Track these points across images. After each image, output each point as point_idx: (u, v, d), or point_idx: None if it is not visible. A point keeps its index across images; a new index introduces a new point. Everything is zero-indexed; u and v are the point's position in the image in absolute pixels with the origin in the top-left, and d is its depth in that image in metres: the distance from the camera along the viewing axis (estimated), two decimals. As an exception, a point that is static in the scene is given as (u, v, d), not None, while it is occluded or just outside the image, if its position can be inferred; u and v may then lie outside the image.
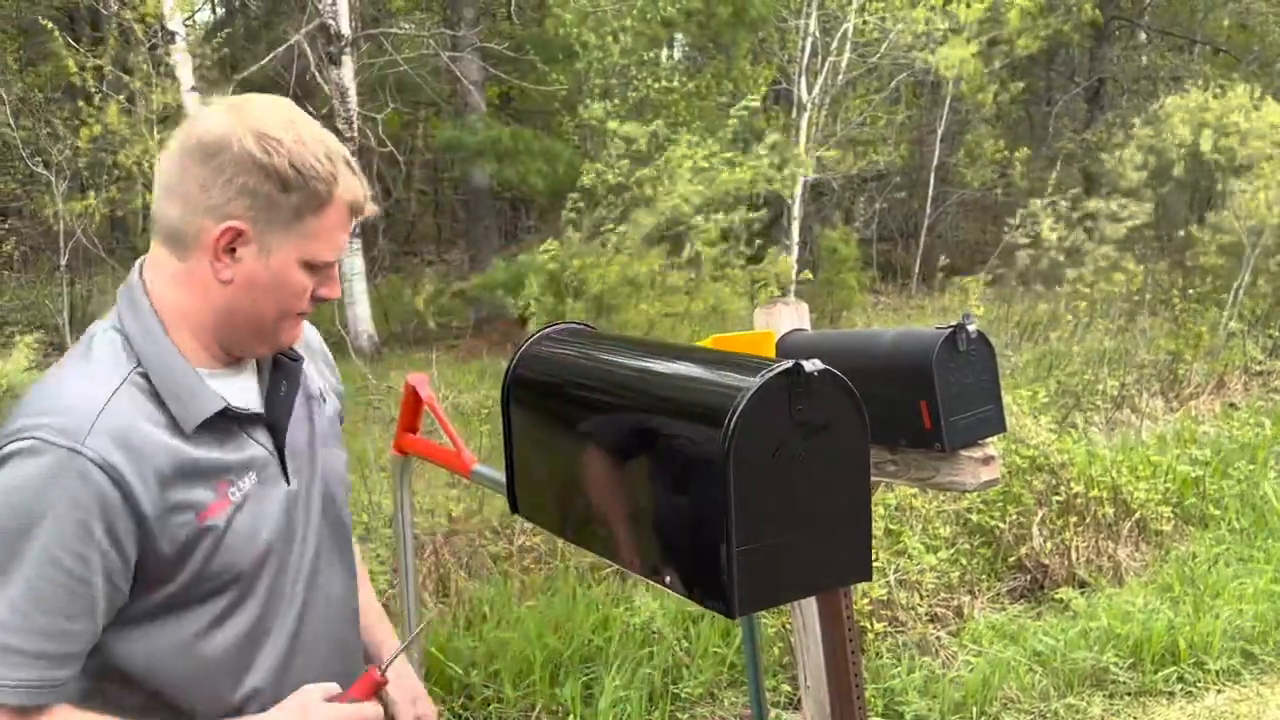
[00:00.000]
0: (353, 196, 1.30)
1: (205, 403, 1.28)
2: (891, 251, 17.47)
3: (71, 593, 1.17)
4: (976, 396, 1.89)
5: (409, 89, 14.21)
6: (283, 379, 1.40)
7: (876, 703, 3.80)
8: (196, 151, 1.24)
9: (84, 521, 1.16)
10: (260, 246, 1.26)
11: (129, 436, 1.20)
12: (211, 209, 1.24)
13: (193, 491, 1.25)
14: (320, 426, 1.48)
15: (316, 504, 1.45)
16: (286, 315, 1.32)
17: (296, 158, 1.23)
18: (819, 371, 1.18)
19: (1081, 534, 4.97)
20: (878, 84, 14.93)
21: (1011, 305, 10.11)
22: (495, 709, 3.75)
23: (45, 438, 1.16)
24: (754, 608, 1.20)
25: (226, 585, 1.31)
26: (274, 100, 1.30)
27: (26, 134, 9.62)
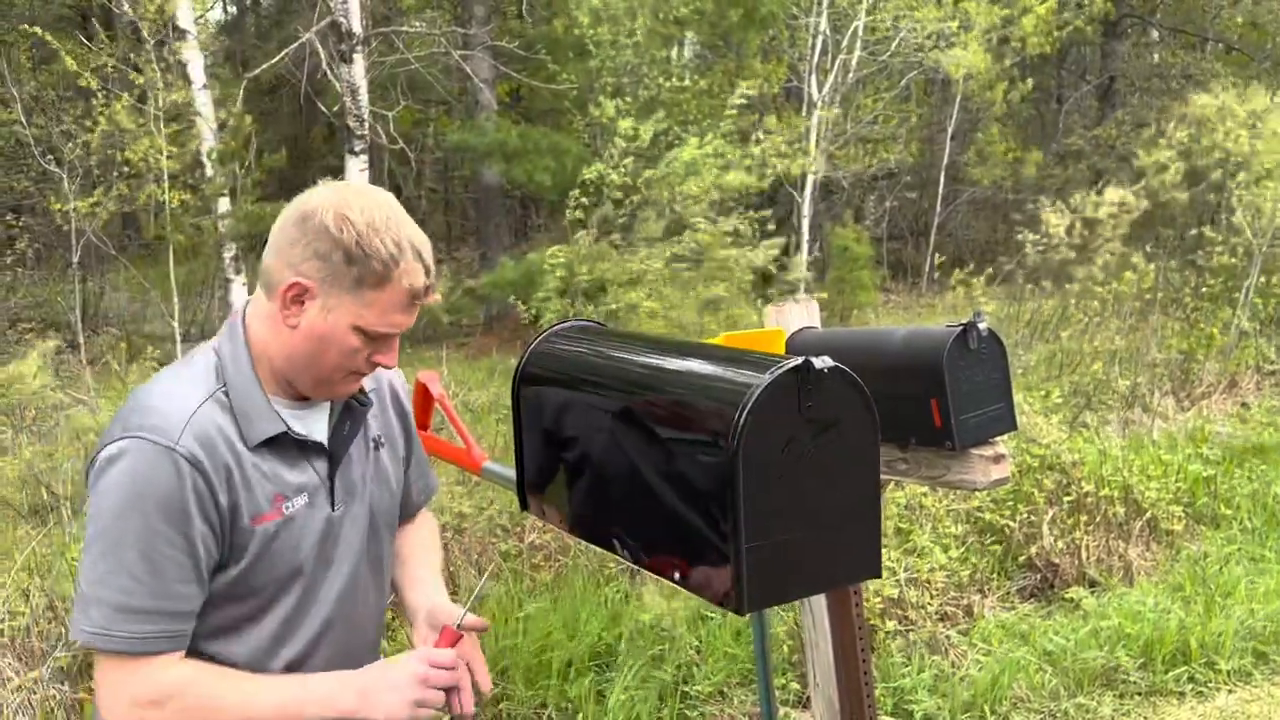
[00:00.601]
0: (411, 283, 1.47)
1: (268, 425, 1.51)
2: (902, 250, 17.43)
3: (178, 562, 1.42)
4: (987, 395, 1.89)
5: (420, 87, 14.22)
6: (348, 419, 1.63)
7: (886, 701, 3.79)
8: (295, 215, 1.48)
9: (181, 504, 1.42)
10: (323, 304, 1.47)
11: (208, 439, 1.45)
12: (291, 264, 1.47)
13: (251, 497, 1.49)
14: (373, 467, 1.69)
15: (360, 533, 1.65)
16: (341, 369, 1.53)
17: (364, 238, 1.44)
18: (829, 368, 1.19)
19: (1092, 533, 4.95)
20: (888, 82, 14.90)
21: (1022, 304, 10.08)
22: (505, 707, 3.75)
23: (147, 437, 1.42)
24: (763, 604, 1.20)
25: (264, 585, 1.53)
26: (375, 192, 1.52)
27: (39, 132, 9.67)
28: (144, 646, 1.41)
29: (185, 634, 1.46)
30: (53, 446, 6.96)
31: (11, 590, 3.96)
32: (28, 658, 3.69)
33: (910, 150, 15.41)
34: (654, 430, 1.32)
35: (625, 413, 1.40)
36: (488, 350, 12.23)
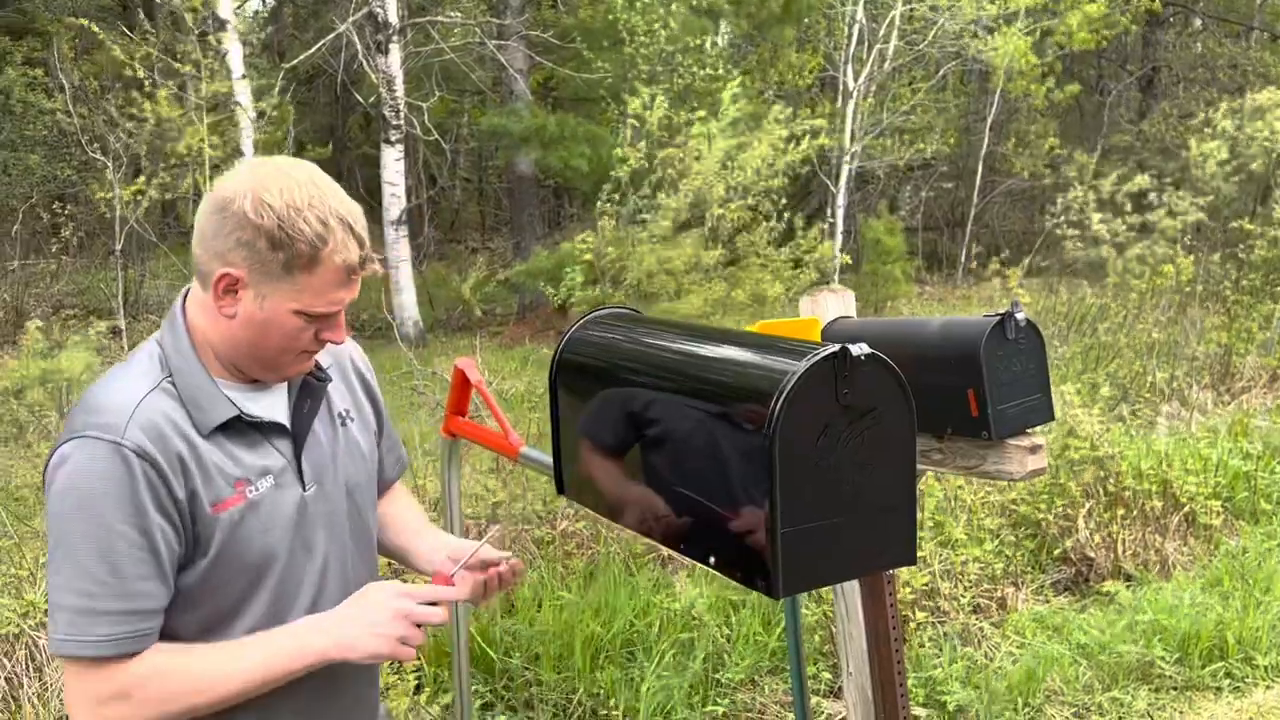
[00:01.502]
0: (344, 259, 1.42)
1: (219, 410, 1.47)
2: (937, 241, 17.29)
3: (137, 559, 1.38)
4: (1025, 385, 1.88)
5: (455, 77, 14.29)
6: (308, 397, 1.58)
7: (918, 692, 3.79)
8: (215, 202, 1.42)
9: (134, 499, 1.37)
10: (256, 292, 1.43)
11: (157, 430, 1.40)
12: (217, 254, 1.42)
13: (210, 485, 1.44)
14: (342, 442, 1.64)
15: (339, 510, 1.61)
16: (288, 351, 1.48)
17: (285, 221, 1.38)
18: (865, 355, 1.19)
19: (1129, 527, 4.91)
20: (924, 72, 14.77)
21: (1058, 296, 9.99)
22: (536, 692, 3.78)
23: (93, 434, 1.38)
24: (798, 589, 1.21)
25: (238, 574, 1.48)
26: (295, 165, 1.45)
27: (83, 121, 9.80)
28: (112, 649, 1.37)
29: (152, 632, 1.41)
30: (95, 431, 7.06)
31: (55, 571, 4.03)
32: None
33: (947, 140, 15.27)
34: (690, 416, 1.33)
35: (661, 398, 1.41)
36: (521, 339, 12.29)
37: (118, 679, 1.38)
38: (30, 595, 3.83)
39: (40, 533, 4.78)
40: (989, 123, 15.26)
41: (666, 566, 4.71)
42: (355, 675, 1.65)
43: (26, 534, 4.69)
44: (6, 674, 3.59)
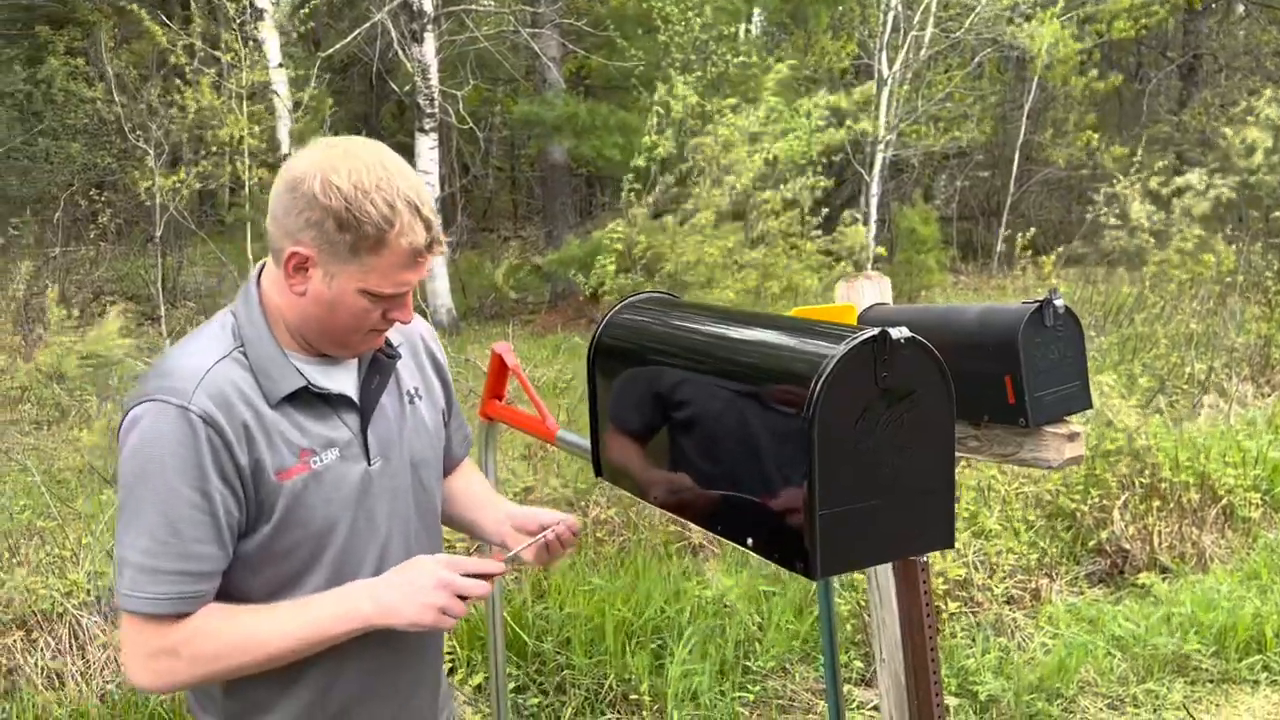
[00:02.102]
0: (410, 242, 1.43)
1: (288, 380, 1.49)
2: (972, 230, 17.14)
3: (197, 522, 1.41)
4: (1062, 372, 1.87)
5: (489, 65, 14.32)
6: (376, 373, 1.60)
7: (950, 682, 3.78)
8: (286, 181, 1.45)
9: (197, 463, 1.41)
10: (324, 272, 1.45)
11: (224, 397, 1.43)
12: (288, 233, 1.44)
13: (275, 452, 1.47)
14: (409, 419, 1.65)
15: (404, 486, 1.63)
16: (356, 330, 1.50)
17: (353, 203, 1.39)
18: (905, 339, 1.19)
19: (1165, 519, 4.87)
20: (960, 59, 14.63)
21: (1095, 286, 9.89)
22: (568, 676, 3.81)
23: (162, 398, 1.42)
24: (835, 571, 1.22)
25: (300, 542, 1.51)
26: (364, 145, 1.46)
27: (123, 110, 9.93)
28: (168, 608, 1.41)
29: (206, 594, 1.44)
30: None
31: (97, 552, 4.11)
32: (113, 616, 3.83)
33: (983, 129, 15.12)
34: (728, 398, 1.33)
35: (699, 381, 1.41)
36: (553, 327, 12.32)
37: (170, 636, 1.42)
38: (73, 575, 3.91)
39: (82, 514, 4.87)
40: (1026, 111, 15.09)
41: (698, 554, 4.73)
42: (420, 642, 1.68)
43: (69, 516, 4.78)
44: (51, 652, 3.66)
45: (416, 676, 1.70)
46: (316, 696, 1.57)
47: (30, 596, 3.75)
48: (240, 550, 1.49)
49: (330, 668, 1.55)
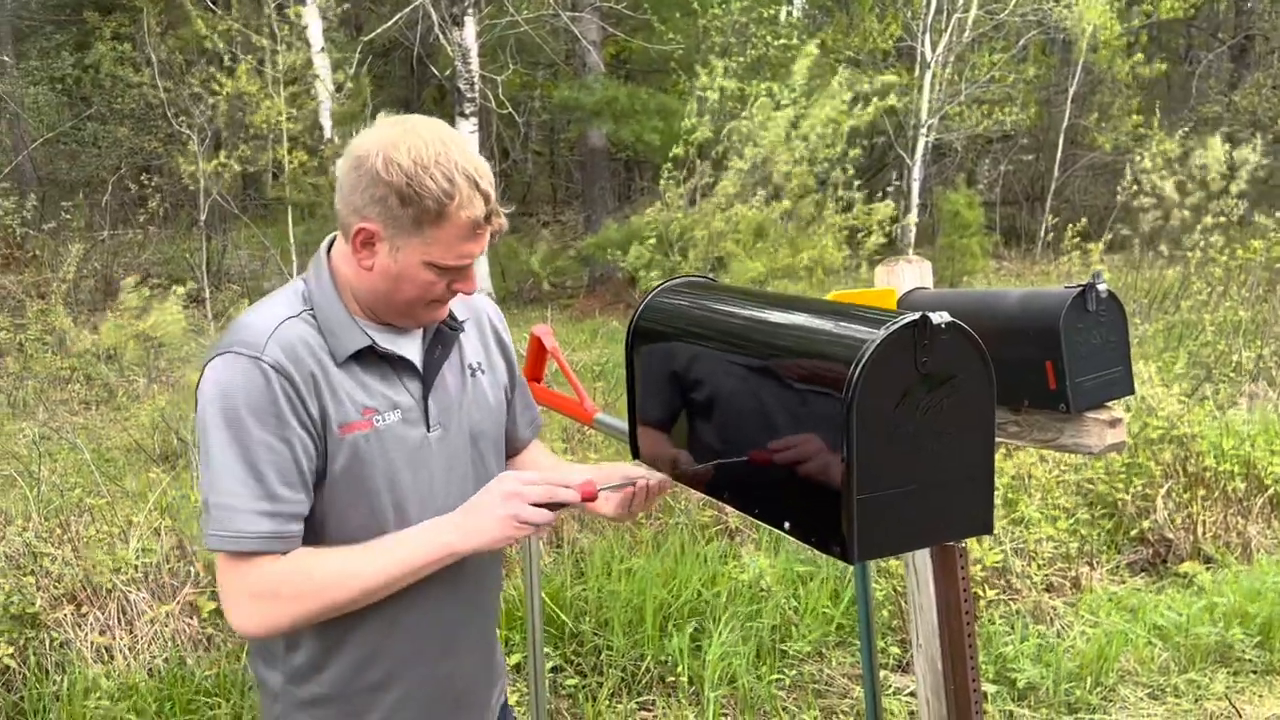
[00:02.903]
0: (470, 214, 1.48)
1: (354, 339, 1.55)
2: (1015, 215, 16.93)
3: (278, 466, 1.47)
4: (1105, 358, 1.86)
5: (528, 49, 14.32)
6: (439, 343, 1.65)
7: (987, 669, 3.77)
8: (351, 159, 1.50)
9: (274, 410, 1.47)
10: (390, 246, 1.50)
11: (293, 349, 1.50)
12: (355, 209, 1.50)
13: (339, 407, 1.52)
14: (470, 391, 1.70)
15: (462, 455, 1.67)
16: (421, 300, 1.56)
17: (413, 178, 1.44)
18: (945, 324, 1.19)
19: (1209, 508, 4.80)
20: (1005, 42, 14.43)
21: (1140, 271, 9.74)
22: (606, 657, 3.84)
23: (236, 350, 1.48)
24: (873, 555, 1.22)
25: (357, 499, 1.55)
26: (424, 122, 1.52)
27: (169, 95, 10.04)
28: (256, 545, 1.46)
29: (295, 535, 1.49)
30: (181, 395, 7.30)
31: (145, 529, 4.19)
32: (159, 592, 3.91)
33: (1028, 112, 14.91)
34: (767, 381, 1.34)
35: (738, 364, 1.42)
36: (590, 312, 12.35)
37: (265, 577, 1.47)
38: (122, 552, 3.99)
39: (130, 493, 4.97)
40: (1070, 94, 14.86)
41: (734, 538, 4.74)
42: (470, 610, 1.72)
43: (117, 493, 4.88)
44: (101, 626, 3.74)
45: (468, 643, 1.73)
46: (368, 654, 1.62)
47: (80, 572, 3.84)
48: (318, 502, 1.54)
49: (381, 627, 1.60)
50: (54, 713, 3.40)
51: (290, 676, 1.63)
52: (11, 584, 3.74)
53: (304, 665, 1.62)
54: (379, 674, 1.63)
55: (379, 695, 1.64)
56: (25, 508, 4.53)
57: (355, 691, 1.63)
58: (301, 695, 1.63)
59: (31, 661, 3.57)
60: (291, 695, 1.63)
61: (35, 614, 3.69)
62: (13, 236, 11.77)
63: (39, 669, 3.56)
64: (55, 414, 7.79)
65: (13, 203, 11.45)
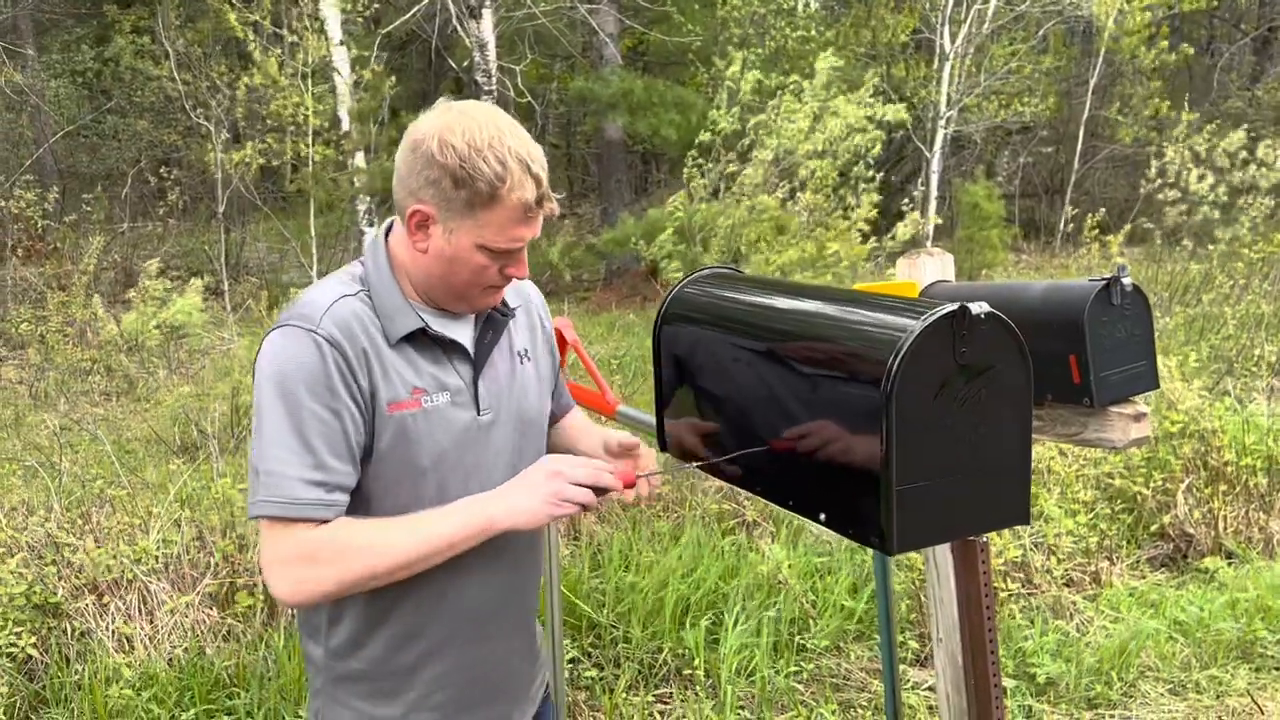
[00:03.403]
0: (521, 197, 1.50)
1: (408, 321, 1.58)
2: (1035, 208, 16.82)
3: (328, 437, 1.50)
4: (1130, 352, 1.84)
5: (546, 41, 14.31)
6: (490, 328, 1.68)
7: (1007, 664, 3.75)
8: (408, 143, 1.54)
9: (326, 382, 1.50)
10: (444, 228, 1.53)
11: (348, 326, 1.54)
12: (410, 192, 1.53)
13: (389, 385, 1.56)
14: (518, 377, 1.73)
15: (508, 440, 1.69)
16: (476, 285, 1.59)
17: (466, 161, 1.47)
18: (984, 314, 1.18)
19: (1231, 503, 4.76)
20: (1024, 33, 14.33)
21: (1161, 265, 9.67)
22: (624, 649, 3.85)
23: (293, 324, 1.53)
24: (912, 546, 1.22)
25: (403, 477, 1.58)
26: (478, 107, 1.55)
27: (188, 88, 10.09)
28: (299, 511, 1.48)
29: (338, 505, 1.51)
30: (201, 387, 7.34)
31: (165, 520, 4.21)
32: (180, 583, 3.93)
33: (1047, 104, 14.80)
34: (803, 372, 1.33)
35: (772, 355, 1.41)
36: (607, 305, 12.34)
37: (305, 543, 1.49)
38: (143, 542, 4.02)
39: (150, 484, 5.00)
40: (1091, 86, 14.73)
41: (752, 531, 4.73)
42: (510, 592, 1.75)
43: (138, 484, 4.91)
44: (122, 616, 3.77)
45: (505, 629, 1.76)
46: (406, 634, 1.65)
47: (101, 564, 3.86)
48: (365, 478, 1.57)
49: (420, 608, 1.63)
50: (75, 701, 3.42)
51: (331, 652, 1.67)
52: (34, 574, 3.77)
53: (345, 641, 1.65)
54: (415, 654, 1.66)
55: (415, 674, 1.67)
56: (47, 498, 4.57)
57: (392, 670, 1.66)
58: (341, 670, 1.67)
59: (54, 650, 3.60)
60: (333, 669, 1.68)
61: (57, 604, 3.72)
62: (34, 229, 11.85)
63: (61, 658, 3.59)
64: (76, 405, 7.85)
65: (34, 195, 11.52)
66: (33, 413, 7.62)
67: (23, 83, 13.78)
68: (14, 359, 9.31)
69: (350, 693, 1.68)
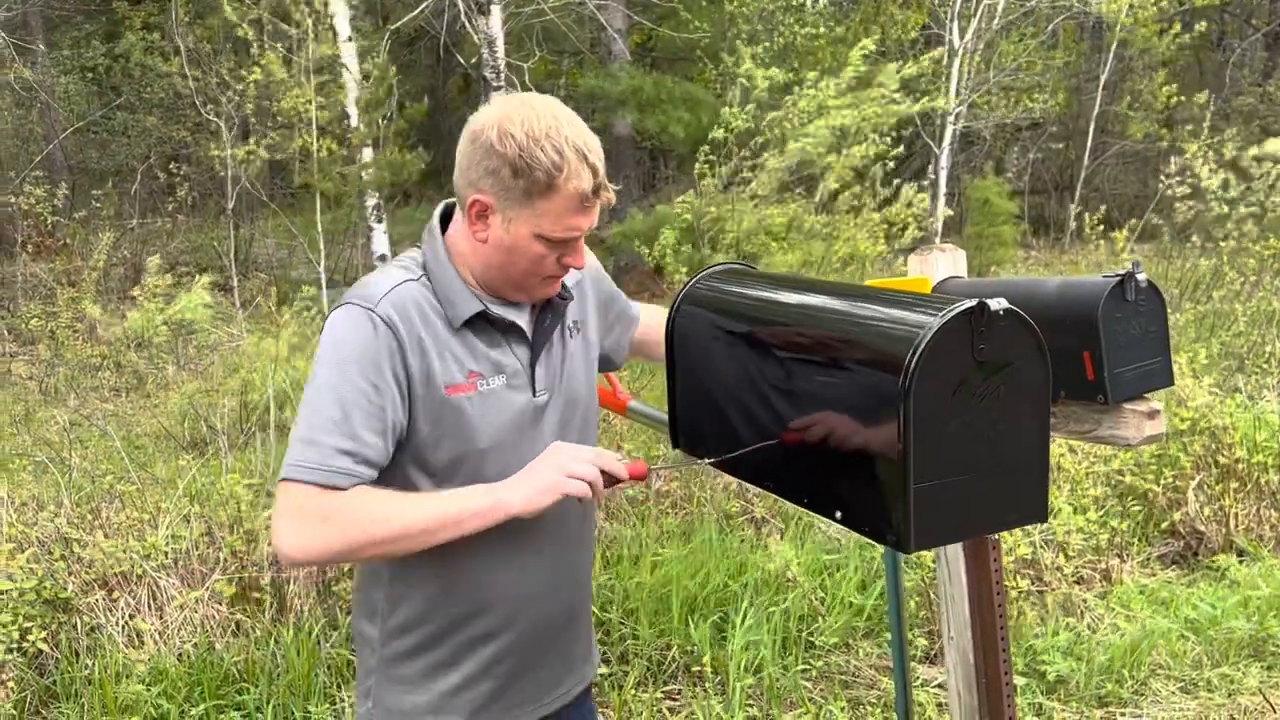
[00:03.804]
0: (578, 186, 1.54)
1: (467, 306, 1.62)
2: (1044, 204, 16.76)
3: (366, 410, 1.54)
4: (1144, 348, 1.82)
5: (555, 37, 14.29)
6: (549, 312, 1.72)
7: (1017, 661, 3.74)
8: (468, 134, 1.58)
9: (375, 360, 1.55)
10: (503, 218, 1.57)
11: (405, 310, 1.58)
12: (470, 183, 1.58)
13: (446, 368, 1.60)
14: (571, 357, 1.77)
15: (565, 422, 1.74)
16: (534, 274, 1.62)
17: (525, 150, 1.51)
18: (1003, 310, 1.18)
19: (1242, 501, 4.74)
20: (1034, 28, 14.26)
21: (1171, 261, 9.63)
22: (631, 646, 3.84)
23: (353, 302, 1.58)
24: (930, 544, 1.21)
25: (459, 459, 1.62)
26: (537, 99, 1.59)
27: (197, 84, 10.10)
28: (323, 478, 1.51)
29: (361, 478, 1.54)
30: (210, 383, 7.35)
31: (174, 516, 4.22)
32: (189, 579, 3.94)
33: (1057, 100, 14.73)
34: (818, 368, 1.32)
35: (787, 351, 1.40)
36: (616, 300, 12.31)
37: (322, 504, 1.51)
38: (152, 538, 4.02)
39: (160, 479, 5.00)
40: (1102, 81, 14.66)
41: (761, 528, 4.72)
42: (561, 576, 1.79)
43: (147, 480, 4.92)
44: (131, 611, 3.78)
45: (564, 602, 1.81)
46: (469, 609, 1.70)
47: (111, 558, 3.87)
48: (404, 459, 1.61)
49: (483, 583, 1.68)
50: (85, 696, 3.43)
51: (389, 631, 1.72)
52: (44, 569, 3.78)
53: (405, 620, 1.71)
54: (475, 631, 1.72)
55: (474, 649, 1.73)
56: (57, 494, 4.58)
57: (452, 645, 1.72)
58: (399, 647, 1.72)
59: (64, 645, 3.61)
60: (389, 647, 1.73)
61: (67, 599, 3.73)
62: (44, 225, 11.88)
63: (71, 653, 3.59)
64: (86, 401, 7.87)
65: (44, 191, 11.55)
66: (43, 408, 7.64)
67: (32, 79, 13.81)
68: (24, 354, 9.35)
69: (407, 668, 1.73)
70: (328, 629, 3.76)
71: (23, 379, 8.60)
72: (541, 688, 1.83)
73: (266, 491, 4.39)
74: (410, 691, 1.73)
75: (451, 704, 1.74)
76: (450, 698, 1.74)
